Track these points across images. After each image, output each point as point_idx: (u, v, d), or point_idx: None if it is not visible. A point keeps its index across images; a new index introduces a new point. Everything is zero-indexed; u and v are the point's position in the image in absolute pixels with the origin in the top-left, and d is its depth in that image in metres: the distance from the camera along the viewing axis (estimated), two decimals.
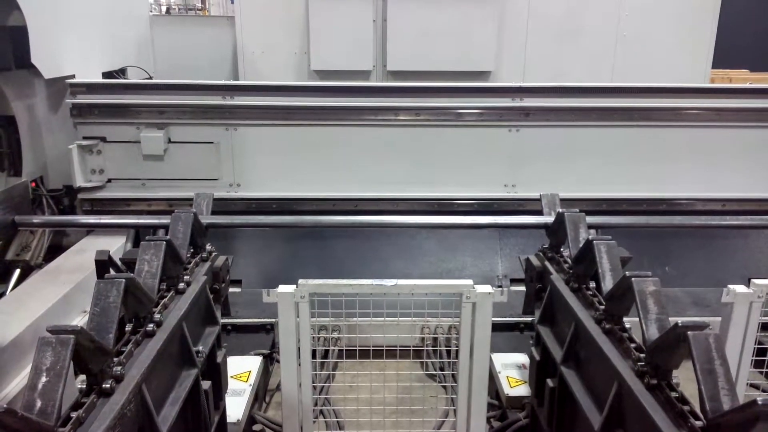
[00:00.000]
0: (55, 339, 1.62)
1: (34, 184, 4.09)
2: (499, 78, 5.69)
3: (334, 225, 3.95)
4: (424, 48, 5.52)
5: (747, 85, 5.13)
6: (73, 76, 4.14)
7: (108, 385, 1.80)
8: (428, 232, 4.39)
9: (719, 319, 2.87)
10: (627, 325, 2.20)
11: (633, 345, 2.05)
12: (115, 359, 1.89)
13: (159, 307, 2.27)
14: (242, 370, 3.30)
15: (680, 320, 1.75)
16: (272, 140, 4.21)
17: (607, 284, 2.29)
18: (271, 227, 4.17)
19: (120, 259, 2.70)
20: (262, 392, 3.47)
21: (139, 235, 4.22)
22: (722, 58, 6.50)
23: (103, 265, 2.52)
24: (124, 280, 1.97)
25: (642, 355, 1.96)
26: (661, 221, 3.96)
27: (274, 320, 3.69)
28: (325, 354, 3.31)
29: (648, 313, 1.98)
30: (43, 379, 1.57)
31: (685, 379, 1.91)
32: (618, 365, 1.99)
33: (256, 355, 3.51)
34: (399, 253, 4.33)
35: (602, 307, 2.29)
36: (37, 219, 3.85)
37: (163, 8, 15.12)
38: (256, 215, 4.14)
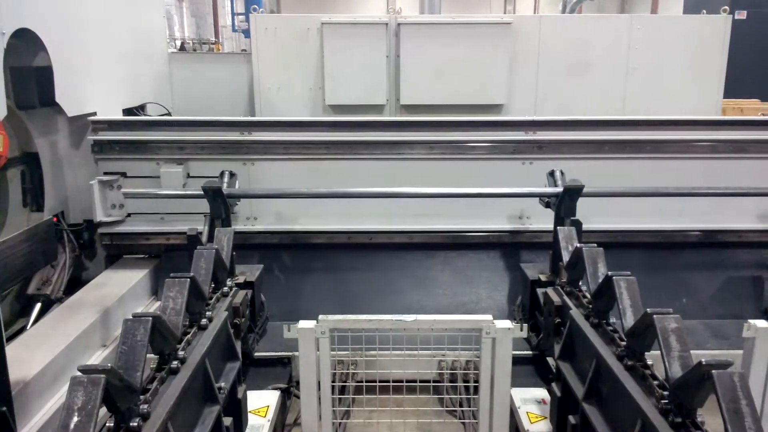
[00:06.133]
0: (87, 379, 1.64)
1: (55, 219, 4.15)
2: (511, 110, 5.76)
3: (354, 195, 4.01)
4: (436, 82, 5.61)
5: (758, 117, 5.16)
6: (94, 114, 4.23)
7: (135, 424, 1.82)
8: (443, 264, 4.40)
9: (740, 352, 2.86)
10: (649, 361, 2.20)
11: (656, 382, 2.04)
12: (142, 397, 1.92)
13: (183, 343, 2.30)
14: (260, 404, 3.29)
15: (704, 359, 1.76)
16: (289, 174, 4.27)
17: (628, 320, 2.30)
18: (292, 198, 4.17)
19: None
20: (280, 427, 3.46)
21: (161, 265, 4.30)
22: (733, 88, 6.55)
23: (194, 239, 3.16)
24: (151, 318, 2.00)
25: (665, 393, 1.96)
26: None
27: (290, 354, 3.69)
28: (343, 389, 3.31)
29: (671, 351, 1.99)
30: (75, 419, 1.60)
31: (709, 414, 1.91)
32: (641, 403, 1.99)
33: (273, 389, 3.50)
34: (414, 285, 4.34)
35: (623, 343, 2.29)
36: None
37: (178, 43, 15.47)
38: (272, 190, 4.15)
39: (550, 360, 3.37)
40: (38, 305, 3.91)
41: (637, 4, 24.22)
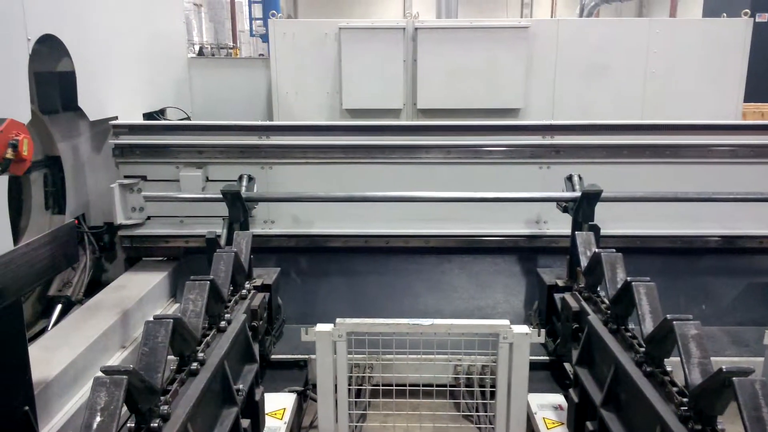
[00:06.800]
0: (109, 380, 1.67)
1: (76, 222, 4.22)
2: (528, 115, 5.75)
3: (371, 199, 4.02)
4: (453, 86, 5.62)
5: None
6: (116, 118, 4.29)
7: (156, 425, 1.84)
8: (459, 269, 4.40)
9: (761, 359, 2.82)
10: (668, 368, 2.18)
11: (675, 389, 2.03)
12: (162, 398, 1.94)
13: (202, 345, 2.32)
14: (277, 407, 3.31)
15: (724, 366, 1.74)
16: (306, 178, 4.29)
17: (647, 326, 2.28)
18: (309, 201, 4.19)
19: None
20: (297, 430, 3.48)
21: (180, 267, 4.35)
22: (754, 92, 6.47)
23: (212, 242, 3.37)
24: (172, 320, 2.02)
25: (685, 400, 1.95)
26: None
27: (307, 356, 3.71)
28: (359, 392, 3.32)
29: (690, 357, 1.97)
30: (98, 418, 1.62)
31: (729, 422, 1.89)
32: (660, 410, 1.98)
33: (290, 392, 3.52)
34: (431, 290, 4.34)
35: (642, 349, 2.28)
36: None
37: (196, 48, 15.62)
38: (290, 194, 4.19)
39: (567, 366, 3.36)
40: (59, 307, 3.97)
41: (656, 8, 24.04)
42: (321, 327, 2.65)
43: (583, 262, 3.13)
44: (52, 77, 3.87)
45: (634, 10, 25.07)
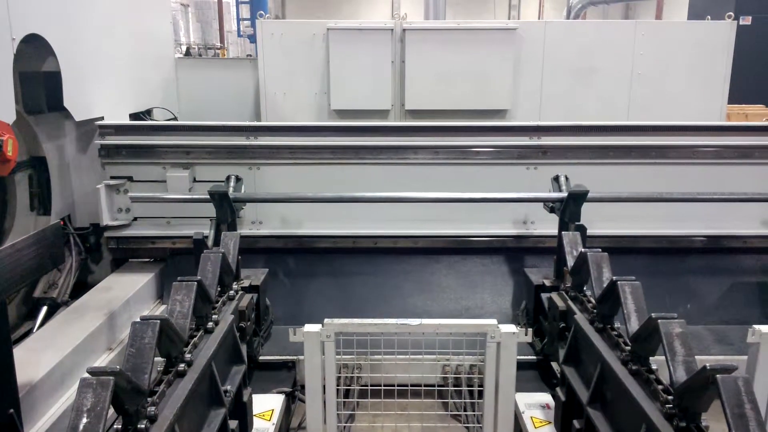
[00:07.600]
0: (96, 381, 1.66)
1: (62, 223, 4.18)
2: (515, 116, 5.78)
3: (359, 200, 4.02)
4: (441, 87, 5.64)
5: (763, 123, 5.16)
6: (102, 118, 4.26)
7: (143, 426, 1.84)
8: (447, 269, 4.42)
9: (745, 357, 2.86)
10: (653, 366, 2.21)
11: (660, 387, 2.05)
12: (149, 399, 1.93)
13: (189, 346, 2.32)
14: (265, 408, 3.30)
15: (708, 363, 1.77)
16: (294, 179, 4.29)
17: (633, 325, 2.31)
18: (297, 202, 4.19)
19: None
20: (285, 431, 3.47)
21: (166, 269, 4.34)
22: (738, 94, 6.56)
23: (200, 243, 3.45)
24: (159, 321, 2.02)
25: (670, 398, 1.97)
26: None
27: (295, 357, 3.71)
28: (348, 393, 3.32)
29: (675, 355, 1.99)
30: (84, 420, 1.61)
31: (713, 419, 1.92)
32: (646, 407, 2.00)
33: (278, 393, 3.51)
34: (419, 290, 4.35)
35: (628, 347, 2.30)
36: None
37: (183, 48, 15.55)
38: (278, 195, 4.20)
39: (554, 365, 3.38)
40: (44, 308, 3.93)
41: (642, 10, 24.26)
42: (309, 327, 2.65)
43: (570, 261, 3.15)
44: (38, 77, 3.84)
45: (621, 13, 25.30)
